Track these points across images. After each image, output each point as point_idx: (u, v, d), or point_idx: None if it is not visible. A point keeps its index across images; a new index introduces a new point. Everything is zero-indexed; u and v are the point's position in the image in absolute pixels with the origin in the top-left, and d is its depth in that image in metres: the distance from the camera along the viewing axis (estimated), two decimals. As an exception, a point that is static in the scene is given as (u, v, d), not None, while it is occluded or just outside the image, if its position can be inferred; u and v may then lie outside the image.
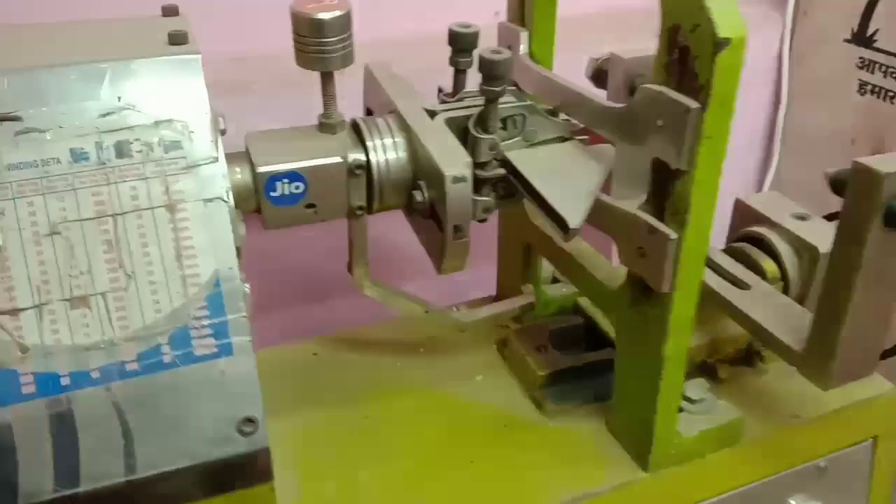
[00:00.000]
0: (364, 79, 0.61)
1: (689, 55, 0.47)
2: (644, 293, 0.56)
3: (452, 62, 0.57)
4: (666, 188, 0.51)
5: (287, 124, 0.56)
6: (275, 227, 0.53)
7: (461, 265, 0.53)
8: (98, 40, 0.50)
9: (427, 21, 0.81)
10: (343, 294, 0.94)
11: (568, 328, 0.71)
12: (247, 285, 0.47)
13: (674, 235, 0.51)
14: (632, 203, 0.58)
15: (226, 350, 0.47)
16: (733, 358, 0.72)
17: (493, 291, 0.81)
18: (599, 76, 0.70)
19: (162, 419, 0.45)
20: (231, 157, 0.49)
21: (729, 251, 0.70)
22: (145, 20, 0.55)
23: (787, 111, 1.13)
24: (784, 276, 0.72)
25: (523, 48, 0.64)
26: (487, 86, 0.52)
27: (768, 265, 0.72)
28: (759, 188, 1.19)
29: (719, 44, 0.45)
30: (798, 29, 1.09)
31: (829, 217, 0.77)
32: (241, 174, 0.51)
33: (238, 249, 0.47)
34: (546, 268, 0.76)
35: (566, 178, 0.54)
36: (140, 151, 0.46)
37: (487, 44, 0.56)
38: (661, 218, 0.52)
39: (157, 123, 0.46)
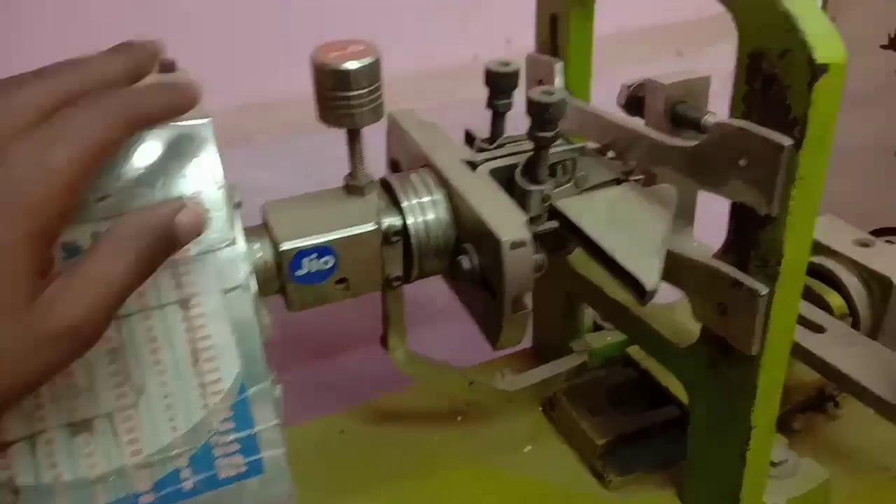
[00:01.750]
0: (388, 127, 0.54)
1: (778, 85, 0.40)
2: (724, 353, 0.49)
3: (490, 105, 0.50)
4: (750, 236, 0.45)
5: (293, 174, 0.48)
6: (300, 310, 0.46)
7: (519, 338, 0.45)
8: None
9: (427, 58, 0.75)
10: (351, 349, 0.86)
11: (624, 384, 0.65)
12: (278, 387, 0.40)
13: (764, 290, 0.44)
14: (700, 250, 0.51)
15: (256, 469, 0.39)
16: (803, 405, 0.66)
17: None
18: (634, 104, 0.64)
19: (186, 559, 0.38)
20: (248, 233, 0.42)
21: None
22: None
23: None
24: (853, 311, 0.65)
25: (558, 81, 0.57)
26: (539, 131, 0.45)
27: (834, 299, 0.66)
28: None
29: (817, 71, 0.38)
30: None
31: (877, 232, 0.71)
32: (262, 253, 0.44)
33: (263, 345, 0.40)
34: (587, 314, 0.70)
35: (631, 229, 0.47)
36: (143, 239, 0.38)
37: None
38: (745, 269, 0.46)
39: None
